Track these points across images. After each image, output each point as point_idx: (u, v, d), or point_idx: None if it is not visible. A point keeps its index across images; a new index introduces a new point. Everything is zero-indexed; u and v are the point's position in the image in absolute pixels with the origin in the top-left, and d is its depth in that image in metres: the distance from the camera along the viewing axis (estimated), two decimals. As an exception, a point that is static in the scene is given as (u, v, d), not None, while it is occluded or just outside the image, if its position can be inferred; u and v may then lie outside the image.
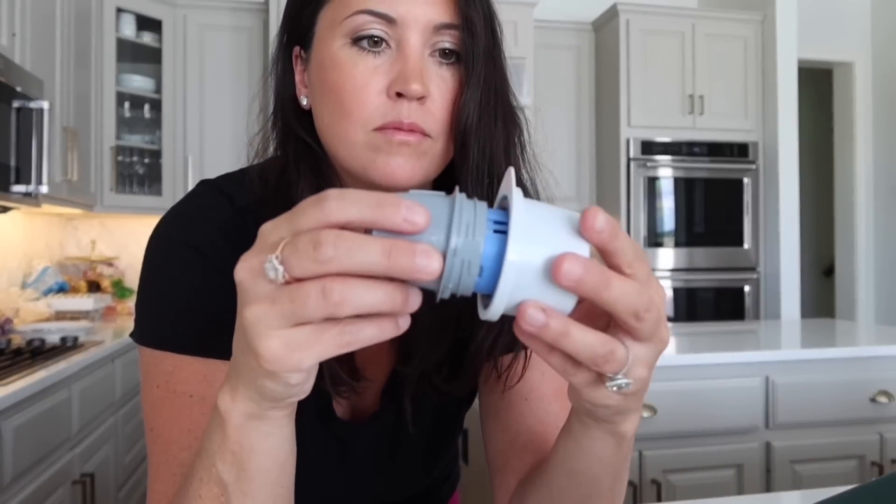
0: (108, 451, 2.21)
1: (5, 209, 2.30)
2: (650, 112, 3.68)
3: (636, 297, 0.38)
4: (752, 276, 3.78)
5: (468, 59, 0.59)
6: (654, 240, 3.69)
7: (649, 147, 3.67)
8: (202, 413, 0.59)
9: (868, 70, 4.47)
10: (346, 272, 0.35)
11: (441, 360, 0.68)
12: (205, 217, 0.64)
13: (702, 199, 3.75)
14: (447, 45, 0.59)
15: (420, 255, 0.34)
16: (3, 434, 1.52)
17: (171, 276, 0.62)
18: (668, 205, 3.70)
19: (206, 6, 3.40)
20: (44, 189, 2.23)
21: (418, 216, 0.35)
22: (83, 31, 2.88)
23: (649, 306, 0.38)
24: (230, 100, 3.40)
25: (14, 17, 2.17)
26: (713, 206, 3.76)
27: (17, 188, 2.13)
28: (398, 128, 0.57)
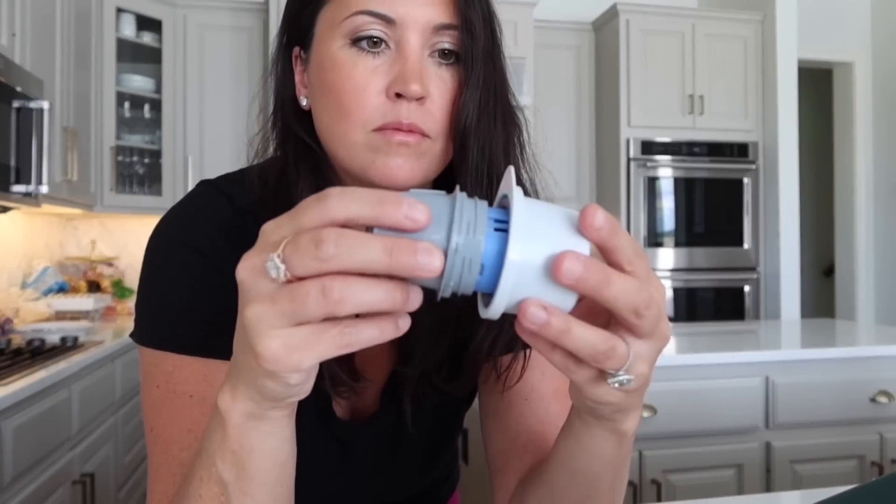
0: (108, 451, 2.21)
1: (5, 209, 2.30)
2: (650, 112, 3.68)
3: (636, 294, 0.38)
4: (752, 276, 3.78)
5: (467, 60, 0.59)
6: (654, 240, 3.69)
7: (649, 147, 3.67)
8: (202, 413, 0.59)
9: (868, 70, 4.47)
10: (347, 270, 0.35)
11: (441, 361, 0.68)
12: (205, 217, 0.64)
13: (702, 199, 3.75)
14: (446, 46, 0.59)
15: (422, 252, 0.35)
16: (3, 434, 1.52)
17: (171, 276, 0.62)
18: (668, 205, 3.70)
19: (206, 6, 3.40)
20: (44, 189, 2.23)
21: (419, 213, 0.35)
22: (83, 31, 2.88)
23: (649, 303, 0.39)
24: (230, 100, 3.40)
25: (14, 17, 2.17)
26: (713, 206, 3.76)
27: (17, 188, 2.13)
28: (397, 128, 0.56)
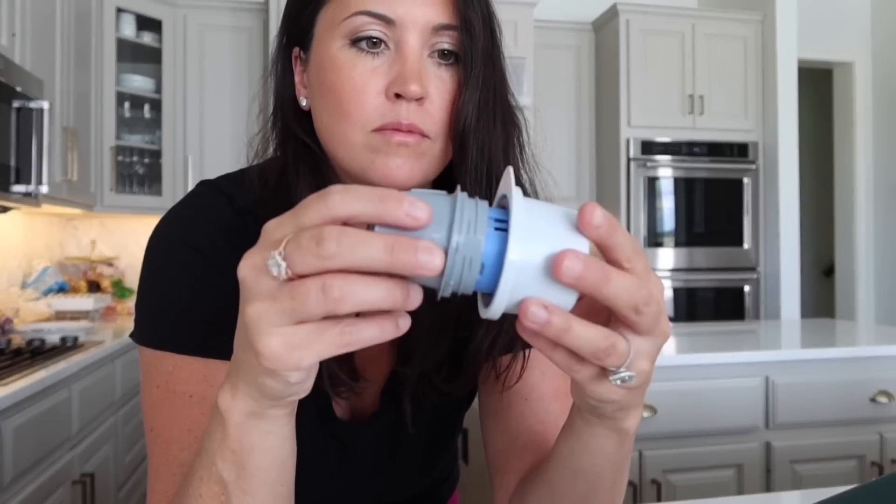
0: (108, 451, 2.21)
1: (5, 209, 2.30)
2: (650, 112, 3.68)
3: (635, 291, 0.38)
4: (752, 276, 3.78)
5: (467, 60, 0.59)
6: (654, 240, 3.69)
7: (649, 147, 3.67)
8: (202, 413, 0.59)
9: (868, 70, 4.47)
10: (348, 268, 0.35)
11: (441, 361, 0.68)
12: (205, 217, 0.64)
13: (702, 199, 3.75)
14: (446, 46, 0.59)
15: (422, 251, 0.35)
16: (3, 434, 1.52)
17: (172, 276, 0.62)
18: (668, 205, 3.70)
19: (206, 6, 3.40)
20: (44, 189, 2.23)
21: (420, 211, 0.36)
22: (83, 31, 2.88)
23: (648, 300, 0.39)
24: (230, 100, 3.40)
25: (14, 17, 2.17)
26: (713, 206, 3.76)
27: (17, 188, 2.13)
28: (397, 129, 0.56)
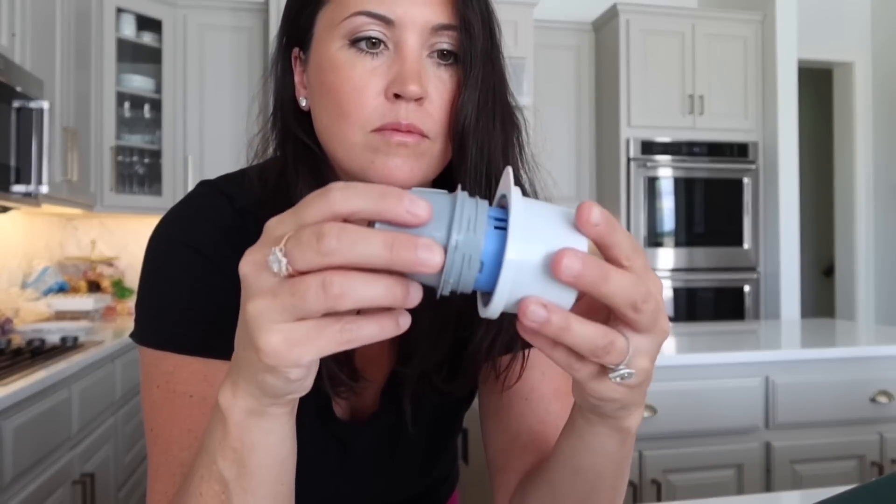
0: (108, 451, 2.21)
1: (5, 209, 2.30)
2: (650, 112, 3.68)
3: (633, 288, 0.39)
4: (752, 276, 3.78)
5: (466, 60, 0.59)
6: (654, 240, 3.69)
7: (649, 147, 3.67)
8: (202, 413, 0.59)
9: (868, 70, 4.47)
10: (349, 264, 0.35)
11: (441, 361, 0.68)
12: (205, 217, 0.64)
13: (702, 199, 3.75)
14: (445, 47, 0.59)
15: (422, 248, 0.35)
16: (3, 434, 1.52)
17: (172, 276, 0.62)
18: (667, 205, 3.70)
19: (206, 6, 3.40)
20: (44, 189, 2.23)
21: (421, 208, 0.36)
22: (83, 31, 2.88)
23: (647, 297, 0.39)
24: (230, 100, 3.40)
25: (14, 17, 2.17)
26: (713, 206, 3.76)
27: (17, 188, 2.13)
28: (396, 129, 0.56)
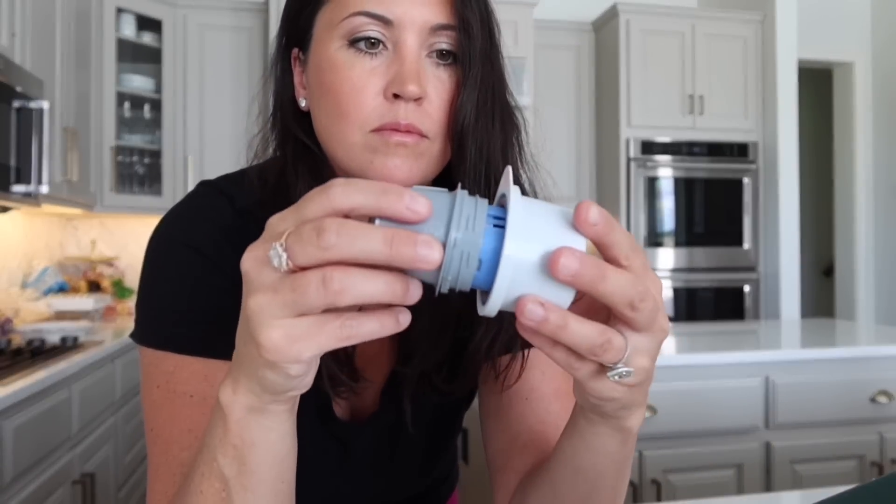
0: (108, 451, 2.21)
1: (5, 209, 2.30)
2: (650, 112, 3.68)
3: (631, 287, 0.39)
4: (751, 276, 3.78)
5: (465, 60, 0.59)
6: (654, 240, 3.69)
7: (649, 147, 3.67)
8: (203, 413, 0.59)
9: (868, 70, 4.47)
10: (348, 259, 0.35)
11: (441, 361, 0.68)
12: (205, 217, 0.64)
13: (702, 199, 3.75)
14: (444, 46, 0.59)
15: (422, 244, 0.35)
16: (3, 434, 1.52)
17: (172, 276, 0.62)
18: (667, 205, 3.70)
19: (206, 6, 3.41)
20: (44, 189, 2.23)
21: (420, 205, 0.36)
22: (83, 31, 2.88)
23: (644, 296, 0.39)
24: (230, 100, 3.40)
25: (14, 17, 2.17)
26: (713, 206, 3.76)
27: (17, 188, 2.13)
28: (395, 129, 0.56)
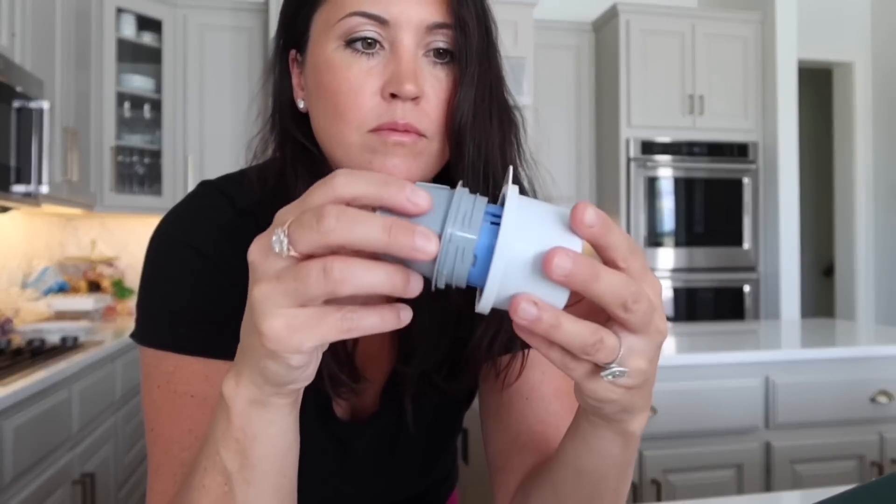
0: (108, 451, 2.21)
1: (5, 209, 2.30)
2: (650, 112, 3.68)
3: (624, 288, 0.38)
4: (751, 276, 3.78)
5: (462, 59, 0.59)
6: (654, 240, 3.69)
7: (649, 147, 3.67)
8: (203, 413, 0.59)
9: (868, 70, 4.47)
10: (347, 244, 0.36)
11: (441, 360, 0.68)
12: (206, 217, 0.64)
13: (702, 199, 3.75)
14: (441, 45, 0.59)
15: (419, 234, 0.36)
16: (3, 434, 1.52)
17: (172, 276, 0.62)
18: (667, 205, 3.70)
19: (206, 6, 3.40)
20: (44, 189, 2.23)
21: (421, 198, 0.37)
22: (83, 31, 2.88)
23: (638, 297, 0.39)
24: (230, 100, 3.40)
25: (14, 17, 2.17)
26: (713, 206, 3.76)
27: (17, 188, 2.13)
28: (393, 129, 0.56)
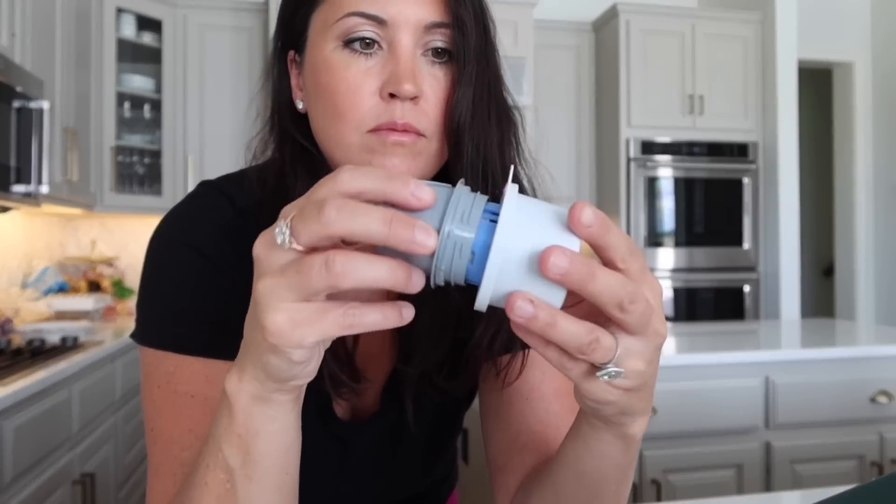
0: (108, 451, 2.21)
1: (5, 209, 2.30)
2: (650, 112, 3.68)
3: (620, 288, 0.38)
4: (751, 275, 3.78)
5: (460, 58, 0.59)
6: (654, 240, 3.69)
7: (649, 147, 3.67)
8: (204, 413, 0.59)
9: (868, 70, 4.47)
10: (347, 235, 0.37)
11: (441, 360, 0.68)
12: (206, 218, 0.64)
13: (701, 199, 3.75)
14: (439, 44, 0.59)
15: (419, 228, 0.36)
16: (3, 434, 1.52)
17: (173, 276, 0.62)
18: (667, 205, 3.70)
19: (206, 6, 3.40)
20: (44, 189, 2.23)
21: (425, 193, 0.38)
22: (83, 31, 2.88)
23: (634, 298, 0.39)
24: (230, 100, 3.40)
25: (14, 17, 2.17)
26: (713, 206, 3.76)
27: (17, 188, 2.13)
28: (392, 129, 0.56)
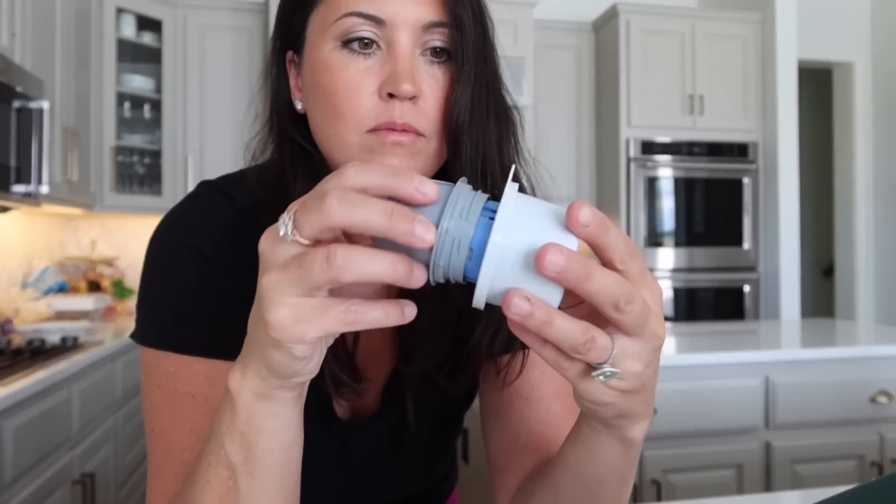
0: (108, 451, 2.21)
1: (5, 209, 2.30)
2: (650, 112, 3.68)
3: (616, 287, 0.38)
4: (751, 275, 3.78)
5: (458, 57, 0.59)
6: (654, 240, 3.69)
7: (649, 147, 3.67)
8: (204, 413, 0.59)
9: (868, 70, 4.47)
10: (348, 226, 0.37)
11: (442, 360, 0.68)
12: (206, 218, 0.64)
13: (702, 199, 3.75)
14: (437, 44, 0.59)
15: (419, 222, 0.37)
16: (3, 434, 1.52)
17: (173, 276, 0.62)
18: (667, 205, 3.70)
19: (206, 6, 3.41)
20: (44, 189, 2.23)
21: (429, 188, 0.39)
22: (83, 31, 2.88)
23: (630, 298, 0.38)
24: (230, 100, 3.40)
25: (14, 17, 2.17)
26: (713, 206, 3.76)
27: (17, 188, 2.13)
28: (391, 128, 0.56)
